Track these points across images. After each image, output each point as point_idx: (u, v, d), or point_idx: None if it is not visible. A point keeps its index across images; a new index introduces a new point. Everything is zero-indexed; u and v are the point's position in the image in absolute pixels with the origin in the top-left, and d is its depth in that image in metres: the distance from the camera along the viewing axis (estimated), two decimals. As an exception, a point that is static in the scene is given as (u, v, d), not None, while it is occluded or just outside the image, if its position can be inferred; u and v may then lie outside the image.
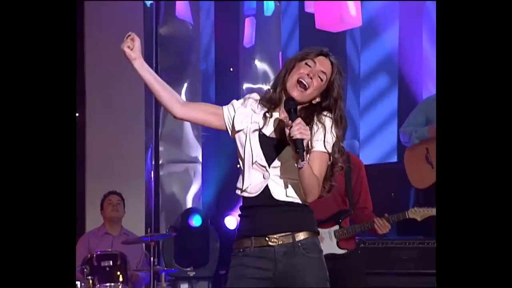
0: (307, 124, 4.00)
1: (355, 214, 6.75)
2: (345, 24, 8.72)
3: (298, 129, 3.84)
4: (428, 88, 9.87)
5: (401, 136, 8.71)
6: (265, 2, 10.28)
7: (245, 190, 4.04)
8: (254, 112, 4.12)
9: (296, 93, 4.03)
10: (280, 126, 4.06)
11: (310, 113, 4.12)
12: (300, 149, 3.86)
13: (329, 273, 4.08)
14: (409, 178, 8.52)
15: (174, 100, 4.15)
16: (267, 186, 4.00)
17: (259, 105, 4.14)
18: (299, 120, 3.90)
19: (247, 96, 4.22)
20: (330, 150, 4.07)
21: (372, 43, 10.44)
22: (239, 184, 4.09)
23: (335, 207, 6.62)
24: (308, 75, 4.04)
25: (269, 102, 4.13)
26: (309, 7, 8.87)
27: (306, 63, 4.08)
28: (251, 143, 4.05)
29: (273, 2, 10.16)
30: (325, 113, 4.09)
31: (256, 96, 4.18)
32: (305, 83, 4.03)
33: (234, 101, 4.18)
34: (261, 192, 4.00)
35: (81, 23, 9.39)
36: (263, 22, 10.30)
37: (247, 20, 10.44)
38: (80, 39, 9.34)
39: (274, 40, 10.18)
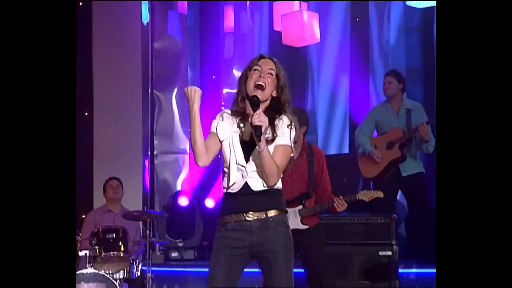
0: (271, 121, 4.07)
1: (317, 196, 6.82)
2: (306, 40, 8.73)
3: (257, 117, 3.93)
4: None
5: (355, 140, 8.78)
6: (241, 22, 10.32)
7: (229, 188, 4.09)
8: (232, 123, 4.14)
9: (259, 92, 4.06)
10: (248, 130, 4.09)
11: (273, 113, 4.13)
12: (258, 134, 3.91)
13: (294, 244, 4.17)
14: (360, 169, 8.56)
15: (204, 152, 4.09)
16: (246, 182, 4.05)
17: (233, 117, 4.17)
18: (259, 111, 3.96)
19: (221, 112, 4.23)
20: (292, 144, 4.14)
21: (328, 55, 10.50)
22: (224, 184, 4.14)
23: (300, 190, 6.67)
24: (260, 76, 4.08)
25: (238, 114, 4.15)
26: (277, 26, 8.89)
27: (254, 69, 4.13)
28: (234, 148, 4.09)
29: (248, 22, 10.19)
30: (285, 116, 4.14)
31: (228, 110, 4.19)
32: (261, 83, 4.09)
33: (214, 122, 4.18)
34: (242, 187, 4.06)
35: (89, 41, 9.43)
36: (240, 38, 10.30)
37: (226, 37, 10.47)
38: (89, 51, 9.40)
39: (249, 53, 10.01)
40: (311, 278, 6.95)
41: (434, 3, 8.78)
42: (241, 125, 4.13)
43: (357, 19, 10.49)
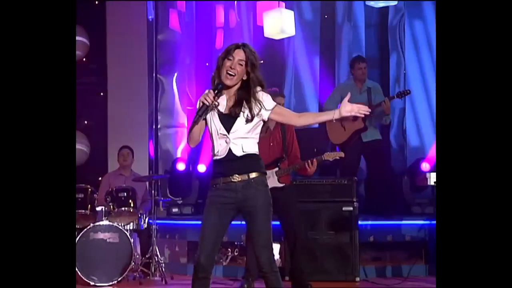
0: (241, 101, 4.08)
1: (289, 160, 6.91)
2: (283, 33, 8.75)
3: (203, 97, 4.03)
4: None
5: (324, 109, 8.77)
6: (230, 18, 10.31)
7: (216, 155, 4.11)
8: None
9: (228, 81, 4.07)
10: (228, 105, 4.11)
11: (245, 93, 4.09)
12: (201, 112, 4.03)
13: (272, 200, 4.17)
14: (329, 136, 8.61)
15: (197, 140, 4.17)
16: (229, 148, 4.06)
17: (215, 97, 4.09)
18: (210, 92, 4.03)
19: (202, 95, 4.14)
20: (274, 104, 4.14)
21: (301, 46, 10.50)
22: (212, 152, 4.16)
23: (276, 155, 6.76)
24: (231, 67, 4.05)
25: (219, 92, 4.09)
26: (260, 22, 8.90)
27: (228, 59, 4.08)
28: (214, 121, 4.09)
29: (236, 19, 10.17)
30: (258, 89, 4.12)
31: (207, 91, 4.10)
32: (231, 73, 4.04)
33: (198, 105, 4.16)
34: (227, 153, 4.07)
35: (104, 34, 9.38)
36: (229, 32, 10.17)
37: (218, 31, 10.42)
38: (104, 43, 9.36)
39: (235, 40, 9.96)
40: (287, 229, 7.04)
41: (389, 3, 8.83)
42: (216, 101, 4.10)
43: (326, 16, 10.50)
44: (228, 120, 4.08)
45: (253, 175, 4.07)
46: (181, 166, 9.50)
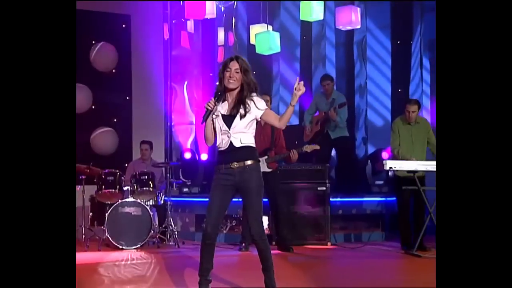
0: (239, 104, 4.02)
1: (276, 150, 6.98)
2: (271, 50, 8.75)
3: (207, 104, 4.01)
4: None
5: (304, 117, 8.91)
6: (229, 38, 10.30)
7: (220, 147, 4.07)
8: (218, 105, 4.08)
9: (231, 85, 3.99)
10: (229, 108, 4.06)
11: (241, 97, 4.03)
12: (206, 115, 4.02)
13: (264, 184, 4.13)
14: (304, 135, 8.70)
15: (212, 141, 4.10)
16: (230, 141, 4.03)
17: (217, 101, 4.06)
18: (212, 100, 4.01)
19: (210, 101, 4.07)
20: (265, 107, 4.10)
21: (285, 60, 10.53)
22: (217, 144, 4.08)
23: (265, 146, 6.82)
24: (230, 76, 4.00)
25: (219, 98, 4.06)
26: (253, 41, 8.90)
27: (226, 70, 4.01)
28: (218, 121, 4.05)
29: (233, 38, 10.15)
30: (253, 94, 4.07)
31: (212, 100, 4.04)
32: (231, 81, 3.99)
33: (207, 111, 4.07)
34: (228, 145, 4.04)
35: (129, 50, 9.31)
36: (228, 49, 10.19)
37: (219, 48, 10.44)
38: (129, 57, 9.31)
39: (234, 54, 9.92)
40: (272, 205, 7.13)
41: (354, 27, 8.84)
42: (221, 104, 4.08)
43: (304, 37, 10.53)
44: (229, 119, 4.04)
45: (248, 162, 4.04)
46: (187, 155, 9.45)
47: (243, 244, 7.04)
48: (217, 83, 4.19)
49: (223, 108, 4.09)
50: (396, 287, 5.01)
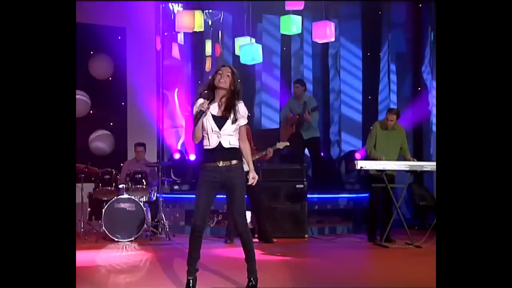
0: (229, 108, 3.98)
1: (256, 150, 7.00)
2: (254, 61, 8.74)
3: (199, 106, 3.94)
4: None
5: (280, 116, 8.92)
6: (215, 49, 10.31)
7: (207, 145, 4.02)
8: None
9: (222, 84, 3.95)
10: (220, 109, 4.03)
11: (230, 102, 4.00)
12: (199, 116, 3.94)
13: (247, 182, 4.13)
14: (280, 135, 8.66)
15: (199, 139, 4.02)
16: (220, 141, 4.00)
17: (208, 105, 4.00)
18: (205, 103, 3.93)
19: (196, 102, 4.02)
20: (247, 121, 4.12)
21: (266, 70, 10.54)
22: (205, 143, 4.03)
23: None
24: (221, 78, 3.98)
25: (209, 99, 3.99)
26: (238, 52, 8.89)
27: (218, 73, 3.99)
28: (209, 121, 4.01)
29: (220, 50, 10.16)
30: (241, 102, 4.05)
31: (201, 99, 3.99)
32: (223, 81, 3.97)
33: (194, 109, 4.02)
34: (217, 145, 4.00)
35: (125, 59, 9.17)
36: (215, 59, 10.22)
37: (207, 58, 10.42)
38: (125, 66, 9.18)
39: (220, 63, 9.98)
40: (255, 201, 7.13)
41: (328, 40, 8.88)
42: (210, 105, 4.01)
43: (284, 48, 10.56)
44: (220, 121, 4.00)
45: (234, 161, 4.02)
46: (176, 156, 9.43)
47: (228, 237, 7.03)
48: (205, 85, 4.12)
49: (214, 109, 4.05)
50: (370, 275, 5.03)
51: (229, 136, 4.02)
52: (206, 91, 4.03)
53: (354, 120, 10.13)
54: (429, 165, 6.92)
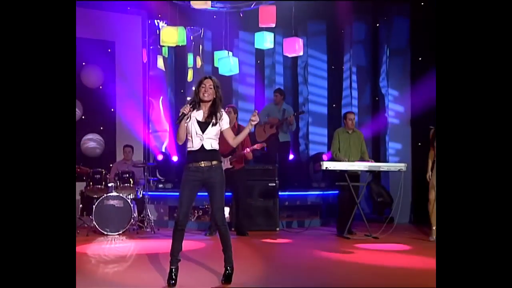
0: (212, 115, 3.98)
1: (238, 152, 7.00)
2: (232, 72, 8.73)
3: (183, 109, 3.96)
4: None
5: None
6: (196, 61, 10.28)
7: (191, 147, 4.01)
8: (191, 112, 4.02)
9: (206, 97, 3.96)
10: (204, 116, 4.02)
11: (213, 110, 4.01)
12: (181, 117, 3.92)
13: (226, 179, 4.09)
14: (256, 135, 8.65)
15: (183, 141, 4.01)
16: (202, 144, 3.99)
17: (192, 108, 4.02)
18: (187, 107, 3.94)
19: (185, 106, 4.02)
20: (229, 125, 4.12)
21: (243, 81, 10.56)
22: (188, 145, 4.03)
23: (230, 149, 6.83)
24: (205, 90, 3.98)
25: (194, 107, 4.01)
26: (217, 65, 8.88)
27: (202, 86, 3.99)
28: (194, 126, 4.00)
29: (201, 63, 10.14)
30: (222, 110, 4.06)
31: (188, 106, 4.00)
32: (206, 94, 3.96)
33: (182, 114, 3.99)
34: (200, 147, 3.99)
35: (114, 70, 9.10)
36: (196, 70, 10.10)
37: (189, 69, 10.24)
38: (114, 76, 9.11)
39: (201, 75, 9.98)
40: (235, 197, 7.14)
41: (298, 54, 8.94)
42: (195, 112, 4.02)
43: (258, 61, 10.59)
44: (203, 126, 4.00)
45: (214, 162, 4.01)
46: (160, 157, 9.39)
47: (210, 230, 7.03)
48: (192, 96, 4.11)
49: (199, 116, 4.05)
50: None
51: (210, 139, 4.01)
52: (193, 101, 4.05)
53: (321, 125, 10.23)
54: (386, 166, 7.06)
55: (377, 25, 9.75)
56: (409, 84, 9.00)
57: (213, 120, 4.01)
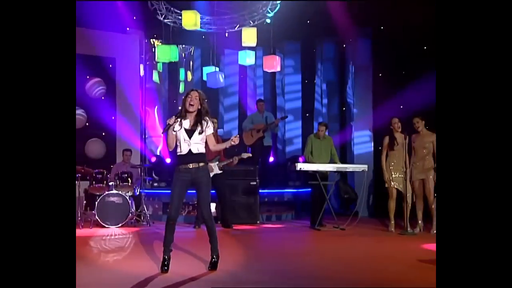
0: (197, 123, 3.93)
1: (223, 157, 6.98)
2: (219, 84, 8.79)
3: (169, 120, 3.94)
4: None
5: (243, 126, 8.92)
6: (187, 75, 10.27)
7: (180, 152, 3.98)
8: (178, 122, 3.99)
9: (191, 108, 3.94)
10: (190, 124, 4.00)
11: (198, 118, 3.98)
12: (168, 127, 3.89)
13: (212, 180, 4.13)
14: (244, 140, 8.60)
15: (173, 145, 3.97)
16: (190, 149, 3.97)
17: (178, 119, 4.00)
18: (173, 118, 3.93)
19: (169, 119, 3.99)
20: (212, 131, 4.09)
21: (229, 93, 10.55)
22: (178, 150, 3.99)
23: (216, 154, 6.84)
24: (191, 101, 3.96)
25: (181, 117, 3.99)
26: (205, 78, 8.89)
27: (188, 97, 3.97)
28: (182, 133, 3.98)
29: (192, 76, 10.13)
30: (207, 118, 4.02)
31: (173, 117, 3.97)
32: (192, 104, 3.94)
33: (168, 124, 3.95)
34: (187, 151, 3.97)
35: (114, 84, 9.00)
36: (187, 83, 10.19)
37: (180, 82, 10.32)
38: (114, 89, 9.02)
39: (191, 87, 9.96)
40: (220, 195, 7.12)
41: (276, 70, 8.97)
42: (183, 122, 3.99)
43: (242, 76, 10.61)
44: (190, 132, 3.98)
45: (201, 164, 3.98)
46: (153, 159, 9.34)
47: (197, 224, 7.01)
48: (180, 107, 4.16)
49: (186, 124, 4.03)
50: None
51: (196, 144, 4.00)
52: (179, 113, 4.04)
53: (296, 132, 10.30)
54: (351, 167, 7.17)
55: (344, 45, 9.89)
56: (371, 96, 9.13)
57: (199, 128, 3.98)
